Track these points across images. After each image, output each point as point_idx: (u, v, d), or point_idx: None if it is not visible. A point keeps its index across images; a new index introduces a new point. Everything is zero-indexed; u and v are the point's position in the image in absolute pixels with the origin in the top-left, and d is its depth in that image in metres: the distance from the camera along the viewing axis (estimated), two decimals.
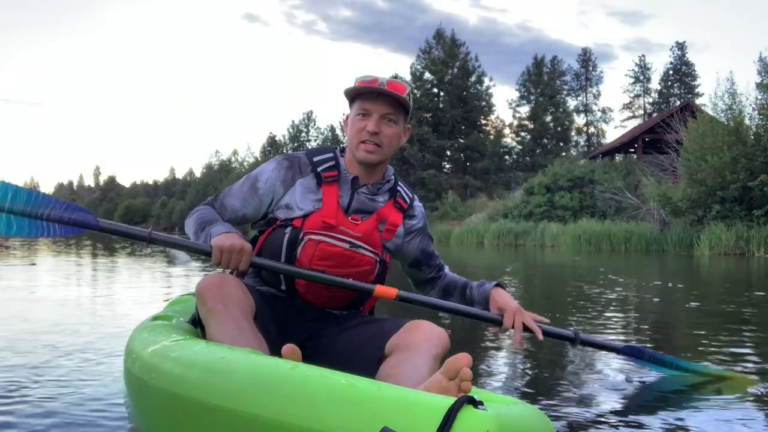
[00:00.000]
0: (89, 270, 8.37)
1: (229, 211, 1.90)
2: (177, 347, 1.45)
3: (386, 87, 1.79)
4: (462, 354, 1.18)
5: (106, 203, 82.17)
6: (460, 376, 1.18)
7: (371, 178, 1.88)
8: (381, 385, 1.09)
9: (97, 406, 1.87)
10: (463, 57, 42.81)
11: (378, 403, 1.02)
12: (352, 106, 1.87)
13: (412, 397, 1.03)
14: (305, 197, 1.82)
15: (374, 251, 1.85)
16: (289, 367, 1.19)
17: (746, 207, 15.61)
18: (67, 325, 3.45)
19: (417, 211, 2.01)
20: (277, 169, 1.86)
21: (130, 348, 1.72)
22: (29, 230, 1.77)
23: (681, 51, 46.28)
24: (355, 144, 1.83)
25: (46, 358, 2.57)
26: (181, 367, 1.34)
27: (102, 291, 5.72)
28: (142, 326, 1.88)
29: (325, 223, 1.78)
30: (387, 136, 1.82)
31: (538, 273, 9.94)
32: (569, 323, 4.02)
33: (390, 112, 1.82)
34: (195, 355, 1.37)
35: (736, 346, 3.21)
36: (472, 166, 41.26)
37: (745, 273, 9.66)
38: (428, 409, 0.98)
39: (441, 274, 2.11)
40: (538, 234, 22.04)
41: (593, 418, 1.92)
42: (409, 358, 1.56)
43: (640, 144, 29.73)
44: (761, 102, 16.76)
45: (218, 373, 1.24)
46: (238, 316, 1.57)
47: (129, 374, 1.65)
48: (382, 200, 1.90)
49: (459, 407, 0.97)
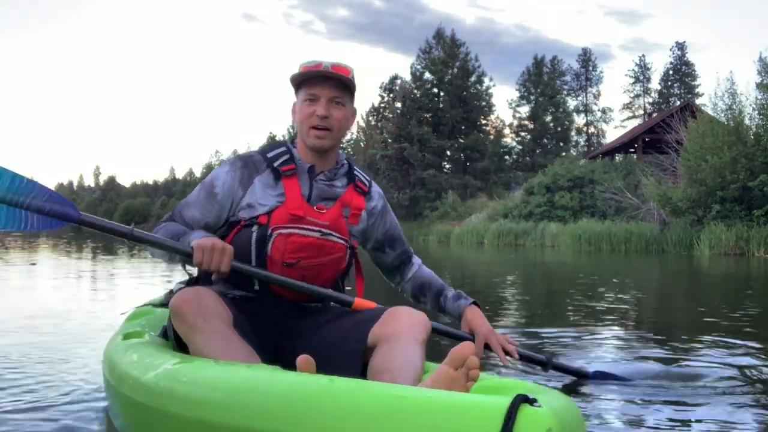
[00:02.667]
0: (88, 270, 8.37)
1: (190, 222, 1.83)
2: (185, 370, 1.37)
3: (331, 70, 1.78)
4: (466, 343, 1.20)
5: (106, 203, 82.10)
6: (467, 365, 1.19)
7: (326, 164, 1.87)
8: (429, 393, 1.05)
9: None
10: (463, 57, 42.80)
11: (433, 412, 0.99)
12: (298, 93, 1.86)
13: (466, 402, 1.00)
14: (266, 193, 1.80)
15: (343, 237, 1.84)
16: (326, 381, 1.13)
17: (746, 207, 15.60)
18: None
19: (375, 193, 1.99)
20: (231, 170, 1.83)
21: (121, 372, 1.58)
22: (5, 221, 1.65)
23: (681, 51, 46.31)
24: (305, 130, 1.82)
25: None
26: (204, 391, 1.26)
27: (100, 289, 5.72)
28: (119, 346, 1.76)
29: (293, 215, 1.77)
30: (337, 119, 1.81)
31: (537, 273, 9.93)
32: (569, 323, 4.02)
33: (337, 95, 1.81)
34: (214, 377, 1.29)
35: (736, 346, 3.21)
36: (472, 166, 41.25)
37: (745, 273, 9.66)
38: (485, 412, 0.97)
39: (409, 264, 2.09)
40: (538, 234, 22.03)
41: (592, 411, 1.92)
42: (397, 349, 1.55)
43: (640, 144, 29.71)
44: (761, 102, 16.75)
45: (249, 394, 1.18)
46: (222, 328, 1.55)
47: (127, 400, 1.50)
48: (340, 185, 1.89)
49: (517, 407, 0.96)
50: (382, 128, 42.25)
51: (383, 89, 45.14)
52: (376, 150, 40.88)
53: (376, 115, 45.24)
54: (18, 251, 12.55)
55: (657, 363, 2.76)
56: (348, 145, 57.05)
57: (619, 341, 3.43)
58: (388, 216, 2.03)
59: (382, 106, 44.87)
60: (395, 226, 2.05)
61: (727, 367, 2.65)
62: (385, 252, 2.04)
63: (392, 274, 2.10)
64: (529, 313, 4.68)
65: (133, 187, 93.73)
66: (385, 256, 2.05)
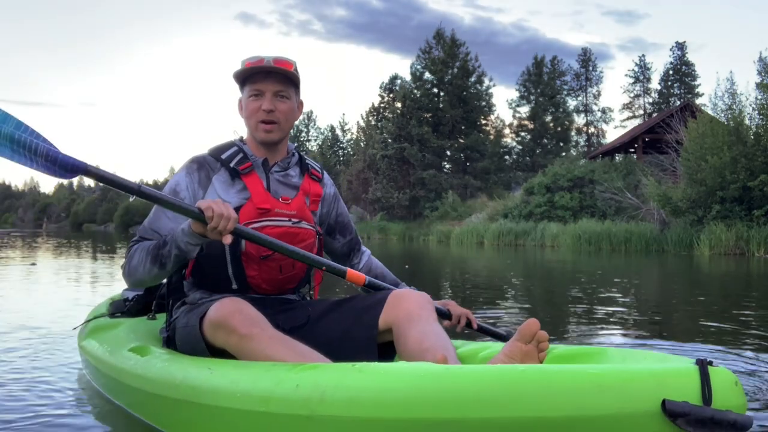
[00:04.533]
0: (89, 270, 8.36)
1: (165, 232, 1.78)
2: (326, 373, 1.27)
3: (273, 64, 1.81)
4: (532, 320, 1.37)
5: (107, 203, 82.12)
6: (536, 338, 1.36)
7: (277, 156, 1.91)
8: (625, 368, 1.15)
9: None
10: (463, 57, 42.77)
11: (640, 381, 1.09)
12: (243, 89, 1.88)
13: (662, 370, 1.12)
14: (227, 192, 1.81)
15: (311, 224, 1.89)
16: (520, 371, 1.12)
17: (746, 207, 15.60)
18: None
19: (327, 179, 2.04)
20: (188, 173, 1.84)
21: (216, 386, 1.42)
22: (11, 154, 1.60)
23: (681, 51, 46.26)
24: (253, 125, 1.85)
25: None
26: (381, 394, 1.16)
27: (101, 290, 5.72)
28: (148, 364, 1.66)
29: (260, 209, 1.79)
30: (282, 113, 1.84)
31: (537, 273, 9.93)
32: (569, 322, 4.02)
33: (281, 89, 1.84)
34: (380, 378, 1.19)
35: (736, 346, 3.21)
36: (472, 166, 41.21)
37: (745, 273, 9.66)
38: (683, 376, 1.11)
39: (358, 252, 2.14)
40: (538, 234, 22.02)
41: None
42: (426, 329, 1.61)
43: (640, 144, 29.69)
44: (761, 102, 16.75)
45: (440, 388, 1.12)
46: (276, 333, 1.57)
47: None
48: (294, 174, 1.93)
49: (706, 368, 1.12)
50: (382, 128, 42.21)
51: (383, 89, 45.13)
52: (376, 150, 40.83)
53: (376, 115, 45.21)
54: (18, 251, 12.54)
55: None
56: (348, 145, 57.10)
57: (619, 341, 3.43)
58: (340, 202, 2.08)
59: (382, 106, 44.84)
60: (346, 213, 2.10)
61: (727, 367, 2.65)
62: (335, 238, 2.08)
63: (341, 260, 2.12)
64: (528, 314, 4.68)
65: None
66: (335, 242, 2.09)
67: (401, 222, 35.74)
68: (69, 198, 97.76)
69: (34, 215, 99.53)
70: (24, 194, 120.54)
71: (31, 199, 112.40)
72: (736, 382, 1.10)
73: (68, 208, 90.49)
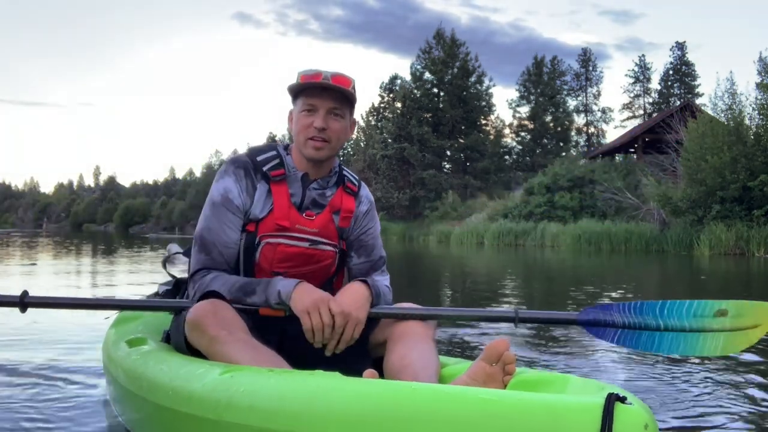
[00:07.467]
0: (88, 270, 8.37)
1: (233, 248, 1.76)
2: (242, 380, 1.26)
3: (331, 81, 1.73)
4: (500, 339, 1.27)
5: (106, 203, 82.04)
6: (503, 360, 1.25)
7: (320, 172, 1.82)
8: (522, 395, 1.04)
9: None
10: (463, 57, 42.78)
11: (530, 414, 0.99)
12: (296, 102, 1.80)
13: (561, 403, 1.00)
14: (259, 201, 1.77)
15: (332, 243, 1.83)
16: (411, 389, 1.08)
17: (746, 207, 15.60)
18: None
19: (363, 195, 1.92)
20: (236, 181, 1.78)
21: (151, 383, 1.48)
22: None
23: (681, 51, 46.26)
24: (302, 141, 1.76)
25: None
26: (280, 403, 1.16)
27: (100, 288, 5.72)
28: (132, 354, 1.70)
29: (278, 225, 1.75)
30: (335, 131, 1.76)
31: (537, 273, 9.93)
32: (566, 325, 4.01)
33: (336, 106, 1.75)
34: (280, 387, 1.19)
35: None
36: (472, 166, 41.21)
37: (745, 273, 9.66)
38: (582, 413, 0.97)
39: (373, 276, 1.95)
40: (538, 234, 22.03)
41: None
42: (411, 346, 1.57)
43: (640, 144, 29.69)
44: (761, 102, 16.76)
45: (328, 403, 1.11)
46: (246, 338, 1.55)
47: (170, 413, 1.37)
48: (330, 194, 1.85)
49: (612, 407, 0.96)
50: (382, 128, 42.21)
51: (383, 89, 45.13)
52: (376, 150, 40.84)
53: (376, 115, 45.21)
54: (18, 250, 12.55)
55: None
56: (348, 145, 57.06)
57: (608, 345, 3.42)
58: (371, 221, 1.93)
59: (382, 106, 44.84)
60: (373, 234, 1.94)
61: (728, 366, 2.65)
62: (350, 255, 1.92)
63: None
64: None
65: (133, 187, 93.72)
66: (350, 260, 1.92)
67: (401, 222, 35.74)
68: (69, 198, 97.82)
69: (34, 215, 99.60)
70: (24, 194, 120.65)
71: (31, 199, 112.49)
72: (647, 425, 0.96)
73: (68, 208, 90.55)
